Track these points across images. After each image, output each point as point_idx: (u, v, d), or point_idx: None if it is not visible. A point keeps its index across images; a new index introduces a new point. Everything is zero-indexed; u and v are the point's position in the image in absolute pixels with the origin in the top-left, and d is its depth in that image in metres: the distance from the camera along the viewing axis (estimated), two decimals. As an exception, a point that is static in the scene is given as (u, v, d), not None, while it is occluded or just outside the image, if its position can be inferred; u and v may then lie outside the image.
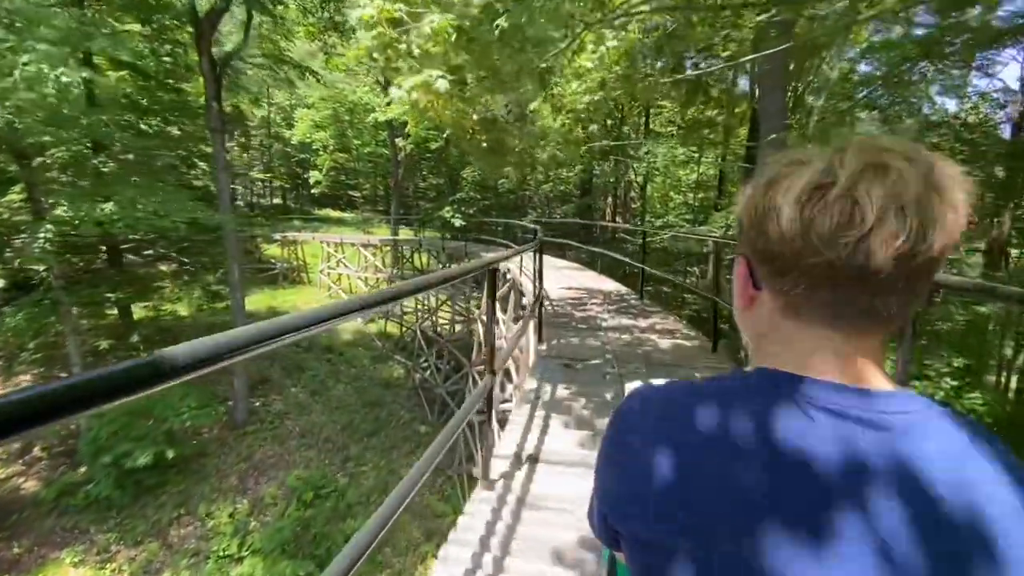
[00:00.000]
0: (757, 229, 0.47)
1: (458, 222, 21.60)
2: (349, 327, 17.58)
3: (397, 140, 20.82)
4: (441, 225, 24.01)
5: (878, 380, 0.45)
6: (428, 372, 14.20)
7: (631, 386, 0.65)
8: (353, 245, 19.00)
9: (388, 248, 18.00)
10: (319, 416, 12.47)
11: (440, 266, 16.20)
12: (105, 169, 9.08)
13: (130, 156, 9.62)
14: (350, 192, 37.68)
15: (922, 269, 0.42)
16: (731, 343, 6.08)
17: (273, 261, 20.77)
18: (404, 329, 16.99)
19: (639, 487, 0.46)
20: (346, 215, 33.39)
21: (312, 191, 34.01)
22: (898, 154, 0.42)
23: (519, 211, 20.17)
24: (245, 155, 35.68)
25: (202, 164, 12.62)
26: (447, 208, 22.07)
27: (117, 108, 9.37)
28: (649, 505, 0.45)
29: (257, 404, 12.39)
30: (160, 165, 10.72)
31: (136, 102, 9.96)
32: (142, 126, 10.24)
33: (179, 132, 11.37)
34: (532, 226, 9.18)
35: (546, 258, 12.61)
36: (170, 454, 8.97)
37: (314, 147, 28.84)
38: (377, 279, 18.44)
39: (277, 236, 20.89)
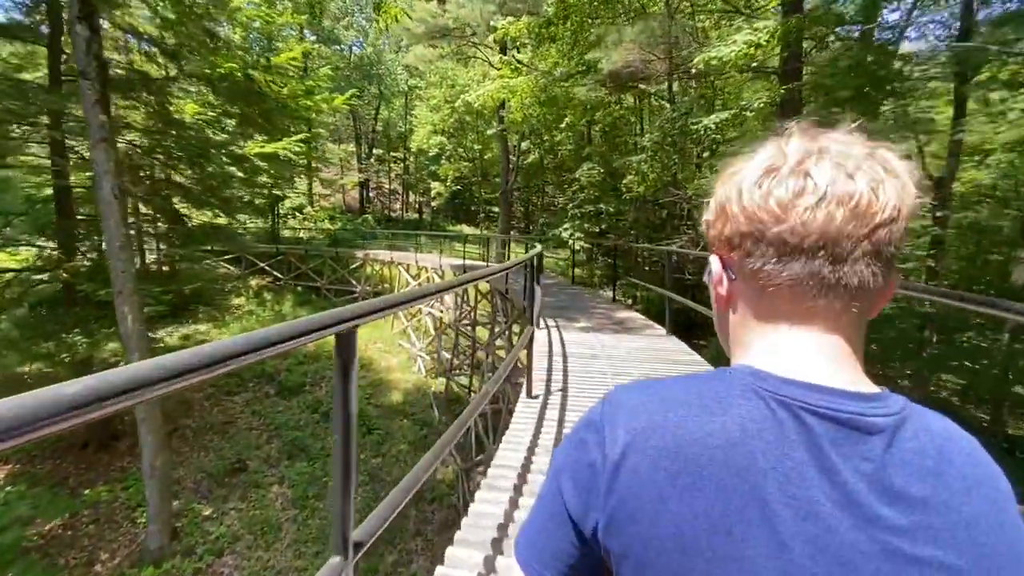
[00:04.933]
0: (723, 217, 0.49)
1: (578, 244, 15.61)
2: (408, 382, 12.87)
3: (503, 131, 15.87)
4: (557, 246, 18.34)
5: (856, 378, 0.45)
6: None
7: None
8: (427, 270, 14.37)
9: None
10: (281, 552, 7.67)
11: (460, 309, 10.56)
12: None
13: None
14: (490, 206, 34.54)
15: (882, 233, 0.43)
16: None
17: (354, 283, 17.37)
18: (467, 393, 11.61)
19: (602, 498, 0.44)
20: (479, 231, 29.80)
21: (432, 203, 31.29)
22: (836, 138, 0.46)
23: (664, 231, 13.45)
24: (380, 166, 34.94)
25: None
26: (565, 225, 16.28)
27: None
28: (616, 514, 0.43)
29: (208, 512, 8.10)
30: None
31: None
32: None
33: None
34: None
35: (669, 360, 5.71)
36: None
37: (431, 154, 25.82)
38: (454, 316, 13.44)
39: (360, 255, 17.47)
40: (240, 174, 11.94)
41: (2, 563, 5.74)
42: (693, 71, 8.86)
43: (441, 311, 13.75)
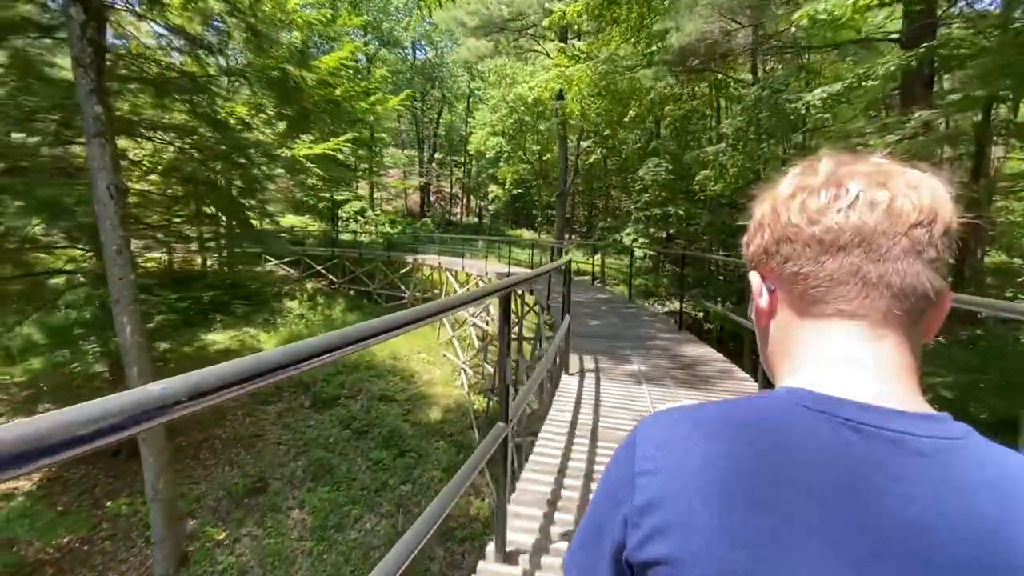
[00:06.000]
0: (759, 231, 0.50)
1: (640, 251, 14.05)
2: (450, 397, 11.94)
3: (560, 123, 14.63)
4: (618, 252, 16.85)
5: (910, 395, 0.42)
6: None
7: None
8: (474, 276, 13.42)
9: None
10: (291, 592, 6.90)
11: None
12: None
13: None
14: (550, 210, 33.44)
15: (920, 232, 0.42)
16: None
17: (403, 289, 16.83)
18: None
19: (631, 514, 0.43)
20: (538, 235, 28.72)
21: (490, 207, 30.60)
22: (867, 160, 0.46)
23: (740, 237, 11.61)
24: (441, 170, 34.83)
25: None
26: (628, 229, 14.78)
27: None
28: (644, 530, 0.41)
29: (222, 537, 7.52)
30: None
31: None
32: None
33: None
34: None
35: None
36: None
37: (490, 156, 25.06)
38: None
39: (409, 259, 16.92)
40: (283, 172, 11.61)
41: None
42: (785, 38, 7.17)
43: (487, 322, 12.74)
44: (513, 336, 10.97)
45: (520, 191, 29.45)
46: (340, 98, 15.77)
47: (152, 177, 10.48)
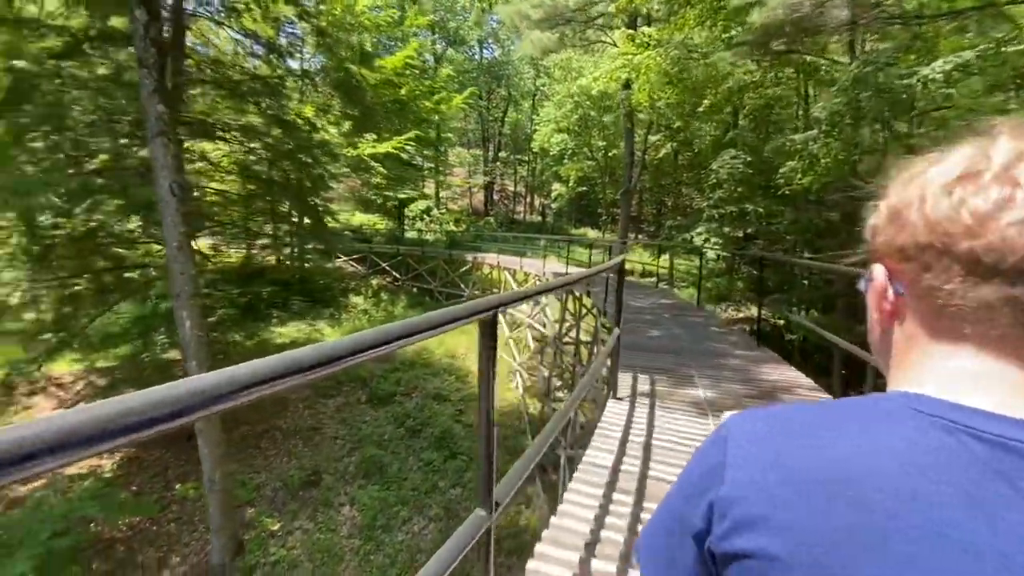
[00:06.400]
0: (896, 224, 0.42)
1: (712, 252, 13.01)
2: (504, 400, 11.64)
3: (627, 113, 13.84)
4: (688, 252, 15.77)
5: None
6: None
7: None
8: (530, 275, 13.02)
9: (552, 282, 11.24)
10: (337, 591, 6.87)
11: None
12: None
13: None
14: (615, 208, 32.47)
15: None
16: None
17: (463, 287, 16.79)
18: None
19: (721, 503, 0.40)
20: (603, 234, 27.89)
21: (553, 204, 30.04)
22: None
23: (837, 237, 10.29)
24: (505, 168, 34.73)
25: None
26: (699, 228, 13.73)
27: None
28: (732, 520, 0.39)
29: (276, 528, 7.67)
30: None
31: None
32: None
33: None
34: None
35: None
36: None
37: (553, 153, 24.51)
38: (556, 331, 11.88)
39: (469, 258, 16.86)
40: (348, 171, 11.83)
41: (56, 567, 5.64)
42: (889, 8, 6.13)
43: (543, 324, 12.30)
44: (569, 340, 10.46)
45: (584, 189, 28.71)
46: (405, 97, 15.98)
47: (231, 178, 11.05)
